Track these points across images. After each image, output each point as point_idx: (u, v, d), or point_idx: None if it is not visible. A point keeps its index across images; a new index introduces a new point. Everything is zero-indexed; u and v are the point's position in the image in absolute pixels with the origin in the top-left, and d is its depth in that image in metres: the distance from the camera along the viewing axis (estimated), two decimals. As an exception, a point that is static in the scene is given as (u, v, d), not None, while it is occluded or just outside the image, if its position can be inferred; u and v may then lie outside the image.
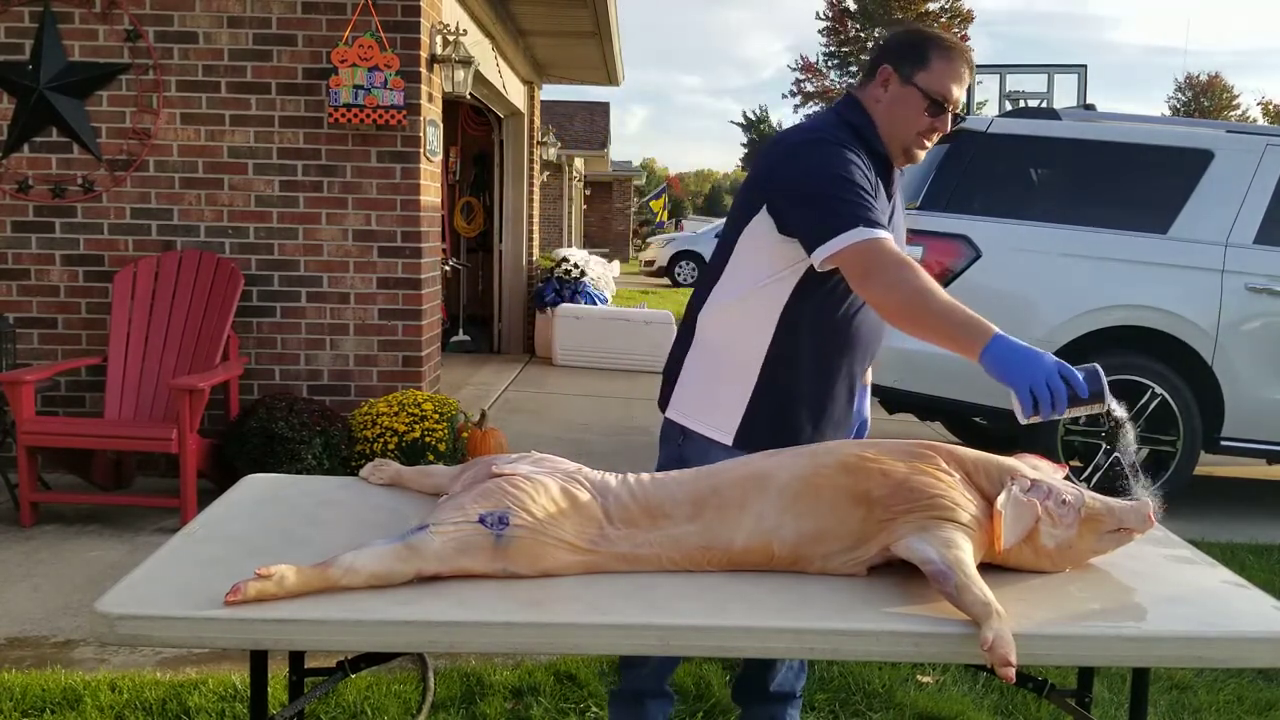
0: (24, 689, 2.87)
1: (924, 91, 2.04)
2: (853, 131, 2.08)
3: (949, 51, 2.06)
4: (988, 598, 1.56)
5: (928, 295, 1.85)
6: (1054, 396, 1.65)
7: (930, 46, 2.07)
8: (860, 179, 1.98)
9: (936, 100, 2.04)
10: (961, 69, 2.05)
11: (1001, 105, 11.67)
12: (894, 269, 1.88)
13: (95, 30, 5.08)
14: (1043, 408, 1.66)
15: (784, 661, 2.36)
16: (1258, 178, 5.05)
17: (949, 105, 2.05)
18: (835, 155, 2.00)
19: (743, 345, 2.11)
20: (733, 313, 2.12)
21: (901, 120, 2.08)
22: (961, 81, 2.05)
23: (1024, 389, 1.67)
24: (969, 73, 2.05)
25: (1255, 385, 4.97)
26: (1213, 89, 46.11)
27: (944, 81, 2.04)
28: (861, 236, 1.91)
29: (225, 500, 2.11)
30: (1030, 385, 1.67)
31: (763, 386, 2.10)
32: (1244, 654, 1.65)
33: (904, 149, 2.10)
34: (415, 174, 5.18)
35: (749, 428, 2.10)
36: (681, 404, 2.19)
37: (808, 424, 2.13)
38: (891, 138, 2.09)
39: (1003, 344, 1.73)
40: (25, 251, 5.16)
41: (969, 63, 2.06)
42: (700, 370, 2.17)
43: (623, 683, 2.33)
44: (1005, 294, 5.02)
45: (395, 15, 5.10)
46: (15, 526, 4.40)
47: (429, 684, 2.97)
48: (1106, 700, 3.05)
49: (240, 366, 5.04)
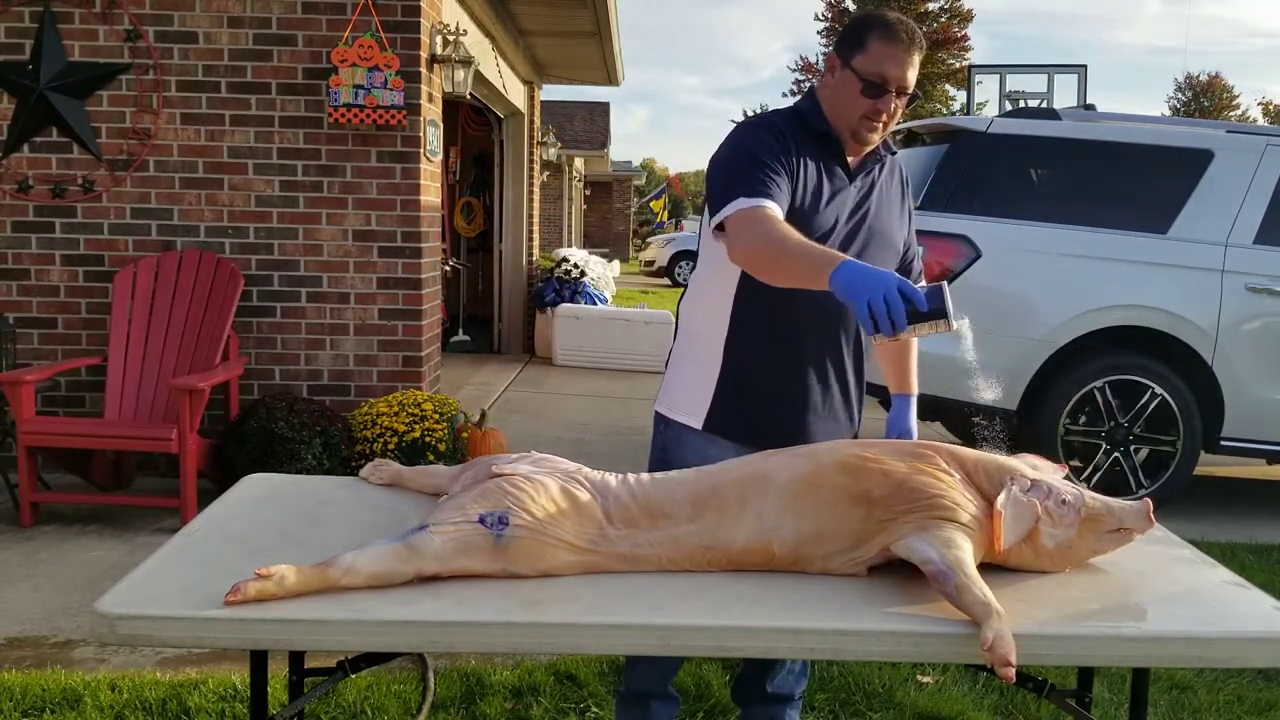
0: (24, 689, 2.87)
1: (858, 74, 2.04)
2: (795, 116, 2.13)
3: (888, 33, 2.03)
4: (988, 598, 1.56)
5: (782, 240, 1.87)
6: (891, 310, 1.62)
7: (869, 29, 2.06)
8: (765, 154, 2.01)
9: (871, 82, 2.04)
10: (901, 51, 2.02)
11: (1001, 105, 11.68)
12: (752, 225, 1.92)
13: (95, 30, 5.08)
14: (881, 322, 1.63)
15: (783, 663, 2.36)
16: (1258, 178, 5.05)
17: (888, 87, 2.04)
18: (745, 136, 2.07)
19: (706, 332, 2.16)
20: (697, 301, 2.21)
21: (843, 104, 2.08)
22: (901, 63, 2.03)
23: (863, 305, 1.65)
24: (912, 52, 2.03)
25: (1255, 385, 4.97)
26: (1213, 89, 46.09)
27: (881, 63, 2.03)
28: (739, 206, 1.95)
29: (225, 500, 2.11)
30: (869, 300, 1.64)
31: (726, 371, 2.14)
32: (1244, 654, 1.65)
33: (851, 132, 2.10)
34: (415, 174, 5.18)
35: (717, 412, 2.14)
36: (663, 394, 2.27)
37: (779, 410, 2.13)
38: (837, 121, 2.10)
39: (850, 266, 1.71)
40: (25, 251, 5.16)
41: (914, 43, 2.03)
42: (677, 360, 2.25)
43: (628, 684, 2.34)
44: (1005, 294, 5.02)
45: (395, 15, 5.10)
46: (15, 526, 4.40)
47: (429, 684, 2.97)
48: (1106, 700, 3.05)
49: (240, 366, 5.04)
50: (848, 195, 2.13)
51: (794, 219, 2.03)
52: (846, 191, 2.12)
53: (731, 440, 2.12)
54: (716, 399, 2.14)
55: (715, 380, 2.15)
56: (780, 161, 2.02)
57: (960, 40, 36.34)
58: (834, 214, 2.10)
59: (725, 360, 2.14)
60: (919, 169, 5.46)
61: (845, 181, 2.13)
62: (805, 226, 2.04)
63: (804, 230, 2.03)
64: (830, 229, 2.09)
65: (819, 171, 2.09)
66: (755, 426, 2.12)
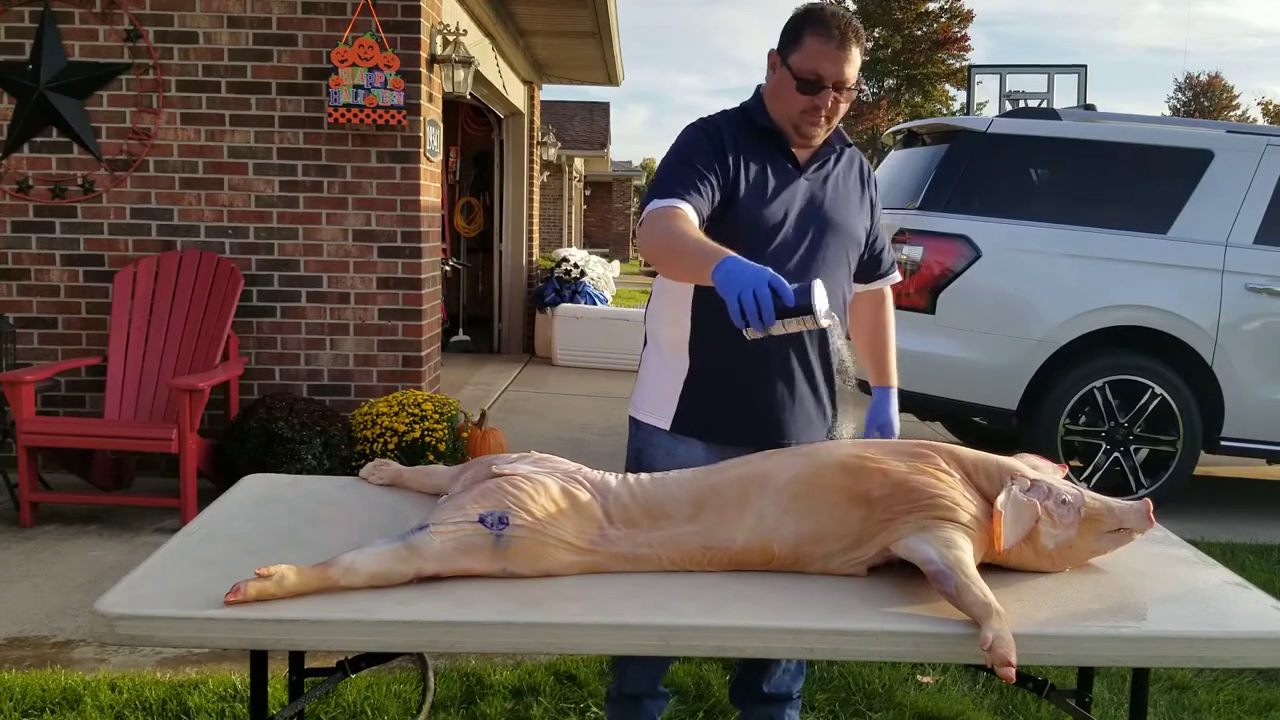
0: (24, 689, 2.87)
1: (794, 72, 2.05)
2: (740, 114, 2.15)
3: (822, 30, 2.03)
4: (988, 598, 1.56)
5: (677, 236, 1.89)
6: (760, 305, 1.63)
7: (805, 25, 2.06)
8: (695, 156, 2.04)
9: (807, 79, 2.04)
10: (834, 47, 2.02)
11: (1001, 105, 11.69)
12: (656, 224, 1.94)
13: (95, 30, 5.08)
14: (750, 316, 1.64)
15: (779, 662, 2.35)
16: (1258, 178, 5.05)
17: (824, 83, 2.03)
18: (681, 139, 2.11)
19: (671, 335, 2.18)
20: (660, 305, 2.23)
21: (782, 101, 2.10)
22: (836, 59, 2.02)
23: (734, 299, 1.66)
24: (848, 48, 2.02)
25: (1255, 385, 4.97)
26: (1213, 89, 46.09)
27: (815, 60, 2.03)
28: (652, 206, 1.98)
29: (225, 500, 2.11)
30: (739, 295, 1.66)
31: (693, 372, 2.15)
32: (1244, 654, 1.65)
33: (794, 127, 2.11)
34: (415, 174, 5.18)
35: (684, 413, 2.15)
36: (634, 398, 2.29)
37: (747, 408, 2.13)
38: (779, 118, 2.12)
39: (729, 262, 1.72)
40: (25, 251, 5.16)
41: (850, 38, 2.02)
42: (645, 364, 2.28)
43: (619, 687, 2.34)
44: (1005, 294, 5.02)
45: (395, 15, 5.09)
46: (15, 526, 4.40)
47: (429, 684, 2.97)
48: (1106, 700, 3.05)
49: (240, 366, 5.04)
50: (797, 188, 2.14)
51: (742, 214, 2.07)
52: (796, 185, 2.14)
53: (701, 439, 2.14)
54: (683, 400, 2.15)
55: (682, 382, 2.16)
56: (711, 163, 2.04)
57: (960, 40, 36.34)
58: (783, 207, 2.11)
59: (691, 361, 2.15)
60: (919, 169, 5.46)
61: (794, 175, 2.14)
62: (754, 220, 2.07)
63: (754, 223, 2.07)
64: (780, 221, 2.11)
65: (764, 166, 2.11)
66: (724, 425, 2.14)
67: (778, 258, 2.09)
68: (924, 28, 36.41)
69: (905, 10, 36.03)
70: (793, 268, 2.11)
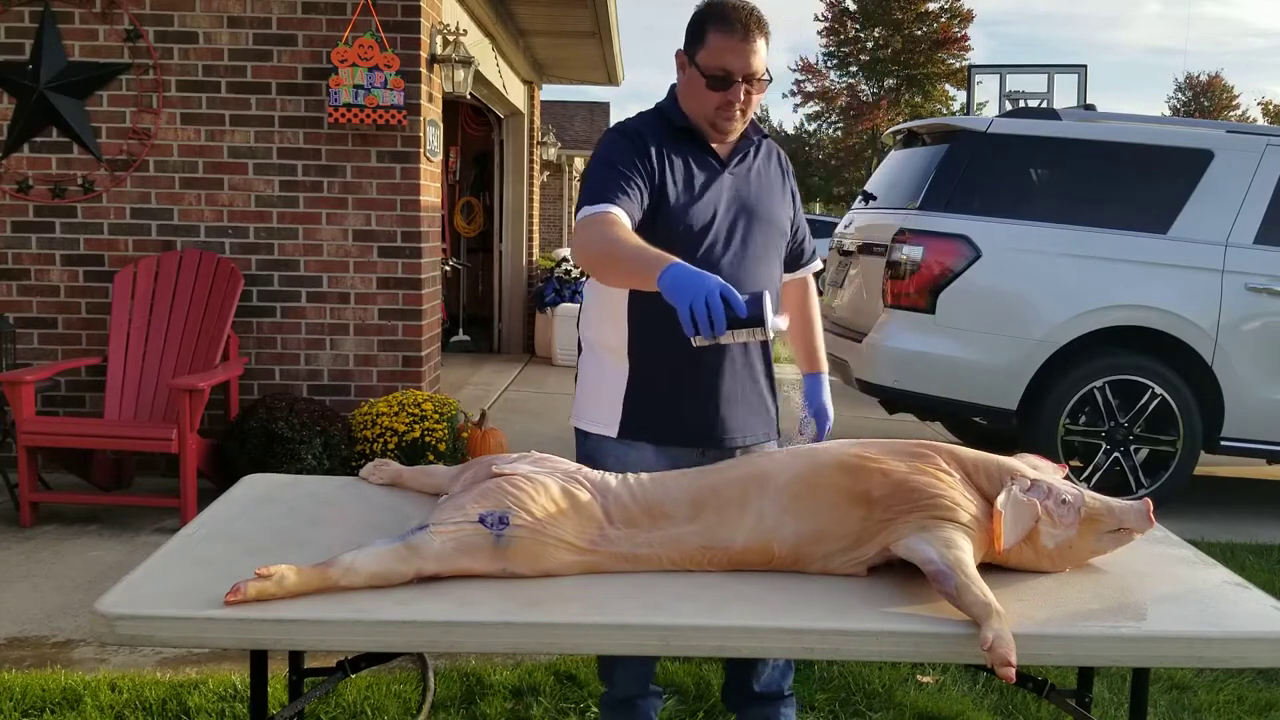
0: (24, 689, 2.87)
1: (701, 70, 2.05)
2: (658, 115, 2.15)
3: (724, 24, 2.02)
4: (988, 598, 1.56)
5: (615, 241, 1.88)
6: (712, 314, 1.63)
7: (707, 22, 2.05)
8: (619, 161, 2.04)
9: (715, 76, 2.04)
10: (737, 41, 2.01)
11: (1001, 105, 11.69)
12: (590, 230, 1.93)
13: (95, 30, 5.08)
14: (701, 325, 1.64)
15: (767, 662, 2.35)
16: (1258, 178, 5.05)
17: (732, 78, 2.03)
18: (603, 145, 2.11)
19: (608, 340, 2.18)
20: (594, 312, 2.22)
21: (694, 99, 2.10)
22: (741, 53, 2.01)
23: (685, 308, 1.66)
24: (751, 39, 2.01)
25: (1255, 385, 4.96)
26: (1213, 89, 46.08)
27: (721, 56, 2.02)
28: (584, 213, 1.98)
29: (225, 500, 2.11)
30: (691, 303, 1.65)
31: (634, 377, 2.14)
32: (1244, 654, 1.65)
33: (710, 125, 2.11)
34: (415, 174, 5.18)
35: (630, 418, 2.15)
36: (575, 409, 2.27)
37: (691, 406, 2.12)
38: (695, 116, 2.11)
39: (675, 269, 1.71)
40: (25, 251, 5.16)
41: (753, 29, 2.01)
42: (584, 373, 2.26)
43: (611, 691, 2.34)
44: (1005, 294, 5.02)
45: (395, 15, 5.09)
46: (15, 526, 4.40)
47: (429, 684, 2.97)
48: (1106, 700, 3.05)
49: (240, 366, 5.04)
50: (723, 184, 2.14)
51: (672, 215, 2.07)
52: (721, 181, 2.14)
53: (650, 442, 2.14)
54: (627, 406, 2.15)
55: (624, 388, 2.15)
56: (635, 166, 2.04)
57: (960, 40, 36.33)
58: (711, 205, 2.11)
59: (631, 367, 2.14)
60: (919, 169, 5.46)
61: (719, 171, 2.14)
62: (684, 221, 2.07)
63: (684, 224, 2.07)
64: (710, 219, 2.11)
65: (687, 165, 2.11)
66: (670, 427, 2.13)
67: (710, 255, 2.10)
68: (924, 28, 36.41)
69: (905, 10, 36.02)
70: (725, 264, 2.11)
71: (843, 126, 38.67)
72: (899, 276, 5.09)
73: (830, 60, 38.56)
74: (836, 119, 39.10)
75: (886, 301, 5.15)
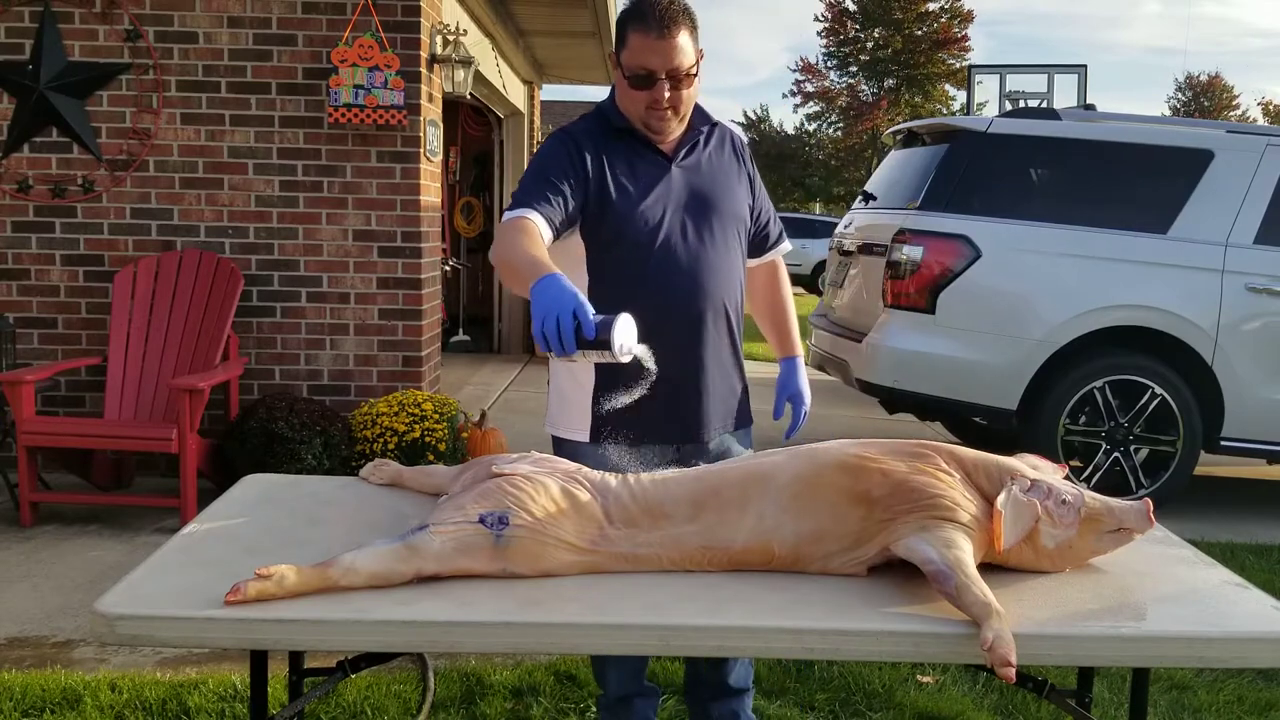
0: (24, 689, 2.87)
1: (624, 70, 2.05)
2: (598, 116, 2.15)
3: (641, 24, 2.01)
4: (988, 598, 1.56)
5: (514, 248, 1.88)
6: (561, 333, 1.62)
7: (627, 23, 2.05)
8: (550, 166, 2.04)
9: (638, 75, 2.03)
10: (654, 39, 2.00)
11: (1001, 105, 11.70)
12: (501, 236, 1.94)
13: (95, 30, 5.08)
14: (551, 343, 1.64)
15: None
16: (1258, 178, 5.05)
17: (656, 76, 2.02)
18: (540, 150, 2.11)
19: None
20: None
21: (626, 100, 2.10)
22: (661, 50, 2.00)
23: (538, 324, 1.66)
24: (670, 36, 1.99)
25: (1255, 385, 4.96)
26: (1213, 89, 46.07)
27: (640, 55, 2.02)
28: (505, 218, 1.98)
29: (225, 500, 2.11)
30: (543, 318, 1.65)
31: (600, 381, 2.13)
32: (1244, 654, 1.65)
33: (644, 124, 2.10)
34: (415, 174, 5.17)
35: (600, 422, 2.14)
36: (548, 416, 2.27)
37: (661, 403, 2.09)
38: (630, 117, 2.11)
39: (541, 285, 1.70)
40: (25, 251, 5.16)
41: (670, 24, 2.00)
42: (553, 379, 2.25)
43: (606, 691, 2.34)
44: (1005, 294, 5.02)
45: (395, 15, 5.09)
46: (15, 526, 4.40)
47: (429, 684, 2.97)
48: (1106, 700, 3.05)
49: (240, 366, 5.04)
50: (671, 180, 2.13)
51: (620, 217, 2.06)
52: (669, 177, 2.12)
53: (623, 443, 2.13)
54: (595, 410, 2.14)
55: (591, 392, 2.15)
56: (566, 172, 2.04)
57: (960, 40, 36.33)
58: (660, 203, 2.10)
59: (596, 371, 2.13)
60: (919, 169, 5.46)
61: (665, 167, 2.13)
62: (633, 221, 2.06)
63: (634, 224, 2.06)
64: (660, 218, 2.10)
65: (631, 166, 2.10)
66: (641, 426, 2.12)
67: (666, 252, 2.09)
68: (924, 28, 36.40)
69: (905, 10, 36.01)
70: (684, 259, 2.10)
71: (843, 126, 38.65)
72: (899, 276, 5.09)
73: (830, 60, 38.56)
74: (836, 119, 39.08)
75: (886, 301, 5.16)
